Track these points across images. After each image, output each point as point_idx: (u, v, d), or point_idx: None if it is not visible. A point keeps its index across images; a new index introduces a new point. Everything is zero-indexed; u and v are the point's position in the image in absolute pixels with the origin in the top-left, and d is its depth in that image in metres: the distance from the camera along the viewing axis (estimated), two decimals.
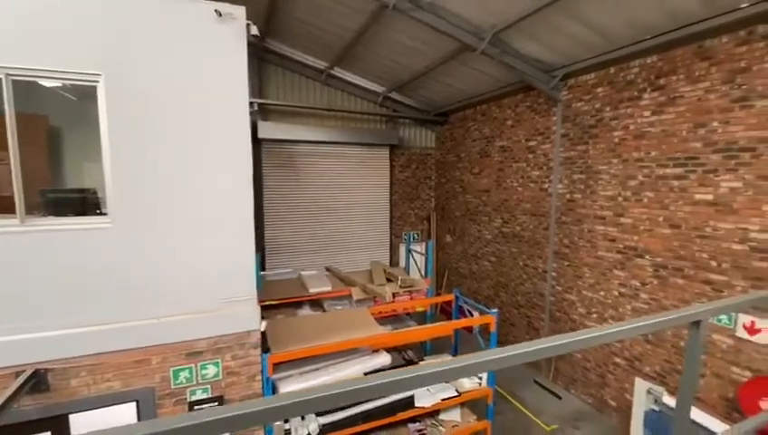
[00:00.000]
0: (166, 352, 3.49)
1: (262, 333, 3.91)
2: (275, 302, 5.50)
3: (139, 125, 3.33)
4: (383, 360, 4.62)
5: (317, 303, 5.91)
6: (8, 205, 3.11)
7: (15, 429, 3.09)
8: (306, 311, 5.73)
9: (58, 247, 3.17)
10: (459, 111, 10.18)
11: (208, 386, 3.70)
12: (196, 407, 3.65)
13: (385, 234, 11.01)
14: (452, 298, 6.17)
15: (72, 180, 4.35)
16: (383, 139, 10.37)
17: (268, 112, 9.35)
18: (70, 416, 3.29)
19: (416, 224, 11.53)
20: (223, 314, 3.66)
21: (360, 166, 10.35)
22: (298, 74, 9.47)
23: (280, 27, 8.02)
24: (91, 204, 3.57)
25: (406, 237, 10.87)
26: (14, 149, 3.09)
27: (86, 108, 3.28)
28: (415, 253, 9.25)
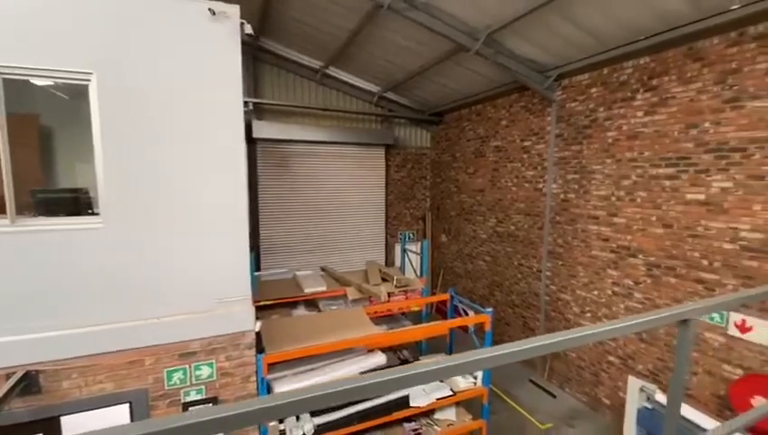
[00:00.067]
0: (159, 352, 3.47)
1: (256, 334, 3.90)
2: (270, 302, 5.48)
3: (132, 125, 3.30)
4: (378, 360, 4.61)
5: (312, 303, 5.89)
6: None
7: (6, 431, 3.06)
8: (301, 311, 5.72)
9: (49, 248, 3.14)
10: (454, 111, 10.21)
11: (202, 387, 3.68)
12: (190, 408, 3.63)
13: (380, 234, 11.01)
14: (447, 298, 6.18)
15: (65, 180, 4.30)
16: (378, 138, 10.37)
17: (263, 112, 9.32)
18: (61, 418, 3.25)
19: (411, 224, 11.55)
20: (217, 315, 3.64)
21: (356, 166, 10.35)
22: (293, 74, 9.44)
23: (275, 26, 7.99)
24: (83, 204, 3.53)
25: (401, 237, 10.87)
26: (5, 148, 3.05)
27: (78, 107, 3.25)
28: (410, 252, 9.27)
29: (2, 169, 3.05)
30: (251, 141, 8.88)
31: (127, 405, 3.43)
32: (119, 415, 3.40)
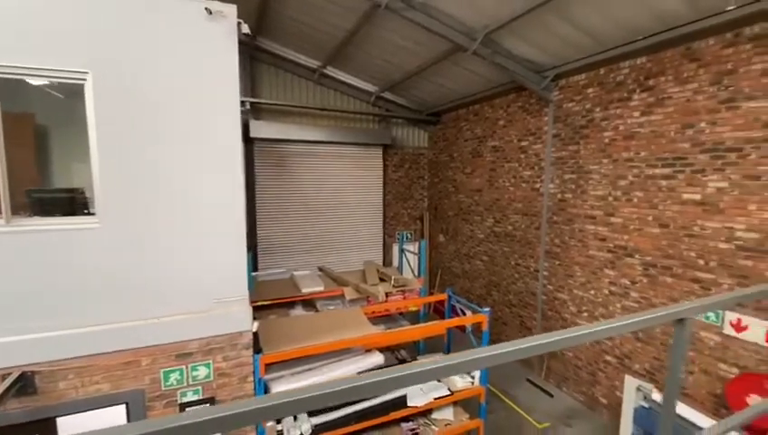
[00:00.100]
0: (156, 353, 3.45)
1: (254, 334, 3.89)
2: (268, 302, 5.46)
3: (127, 124, 3.29)
4: (376, 360, 4.61)
5: (310, 303, 5.88)
6: None
7: (2, 432, 3.05)
8: (299, 311, 5.71)
9: (45, 248, 3.12)
10: (452, 111, 10.22)
11: (199, 387, 3.66)
12: (187, 409, 3.62)
13: (378, 234, 11.01)
14: (445, 298, 6.19)
15: (61, 180, 4.28)
16: (376, 138, 10.36)
17: (260, 111, 9.30)
18: (58, 419, 3.24)
19: (409, 224, 11.55)
20: (214, 315, 3.63)
21: (354, 166, 10.34)
22: (290, 73, 9.43)
23: (272, 26, 7.98)
24: (79, 204, 3.52)
25: (399, 237, 10.88)
26: None
27: (74, 106, 3.24)
28: (408, 252, 9.27)
29: None
30: (248, 141, 8.86)
31: (123, 406, 3.41)
32: (115, 416, 3.39)
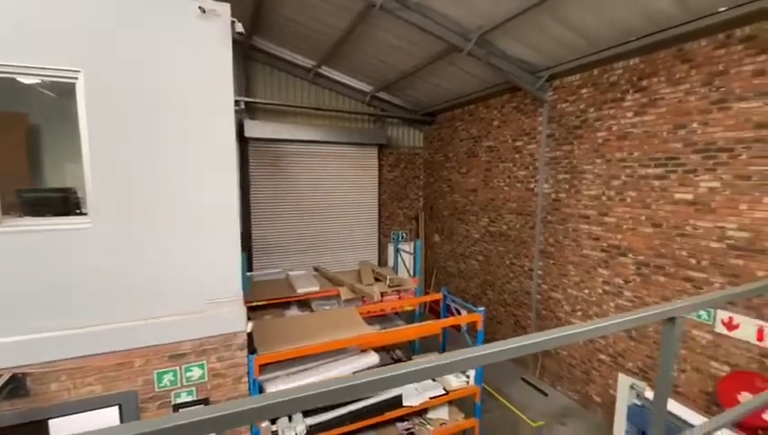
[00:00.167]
0: (149, 354, 3.43)
1: (248, 335, 3.87)
2: (263, 302, 5.44)
3: (120, 123, 3.26)
4: (371, 359, 4.61)
5: (305, 303, 5.87)
6: None
7: None
8: (294, 311, 5.69)
9: (36, 249, 3.08)
10: (447, 111, 10.24)
11: (193, 388, 3.64)
12: (180, 410, 3.59)
13: (373, 233, 11.01)
14: (440, 297, 6.20)
15: (53, 180, 4.24)
16: (371, 138, 10.36)
17: (255, 111, 9.26)
18: (50, 421, 3.20)
19: (404, 223, 11.56)
20: (208, 316, 3.60)
21: (349, 165, 10.33)
22: (285, 73, 9.40)
23: (267, 25, 7.95)
24: (71, 204, 3.48)
25: (394, 237, 10.87)
26: None
27: (67, 106, 3.20)
28: (403, 252, 9.26)
29: None
30: (243, 141, 8.82)
31: (116, 408, 3.38)
32: (108, 418, 3.36)
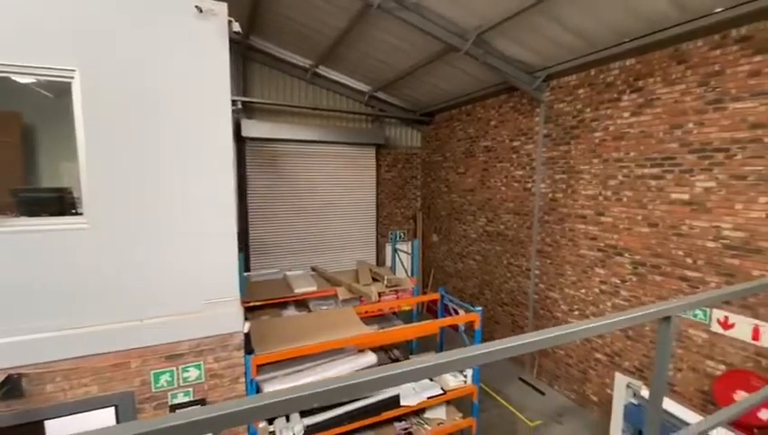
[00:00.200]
0: (146, 354, 3.41)
1: (246, 335, 3.86)
2: (260, 302, 5.43)
3: (116, 123, 3.24)
4: (369, 359, 4.60)
5: (302, 303, 5.86)
6: None
7: None
8: (291, 311, 5.68)
9: (32, 249, 3.07)
10: (444, 111, 10.25)
11: (190, 389, 3.63)
12: (177, 411, 3.58)
13: (371, 233, 11.00)
14: (437, 297, 6.20)
15: (50, 179, 4.21)
16: (369, 138, 10.36)
17: (252, 111, 9.24)
18: (45, 422, 3.19)
19: (402, 223, 11.56)
20: (205, 316, 3.59)
21: (347, 165, 10.32)
22: (283, 73, 9.38)
23: (264, 25, 7.93)
24: (67, 204, 3.46)
25: (392, 237, 10.88)
26: None
27: (62, 105, 3.19)
28: (401, 252, 9.27)
29: None
30: (240, 140, 8.80)
31: (113, 408, 3.37)
32: (104, 418, 3.34)
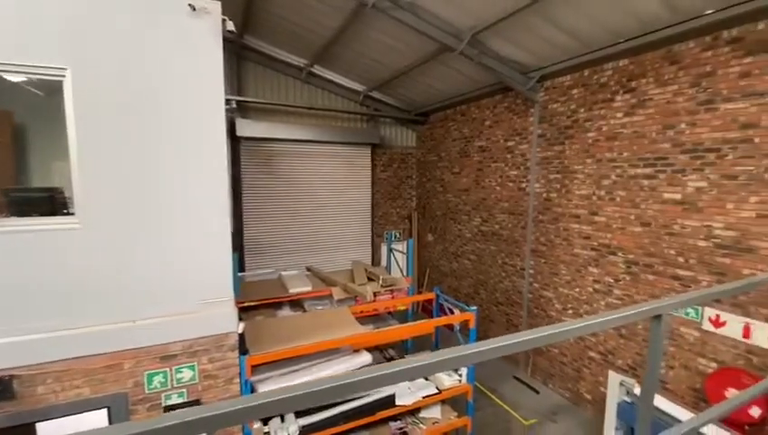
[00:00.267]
0: (139, 355, 3.39)
1: (240, 335, 3.85)
2: (254, 303, 5.41)
3: (108, 122, 3.21)
4: (364, 359, 4.60)
5: (297, 303, 5.84)
6: None
7: None
8: (286, 311, 5.66)
9: (23, 249, 3.03)
10: (439, 111, 10.27)
11: (184, 390, 3.61)
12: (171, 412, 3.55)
13: (366, 233, 11.00)
14: (433, 296, 6.21)
15: (41, 179, 4.16)
16: (364, 138, 10.35)
17: (247, 110, 9.20)
18: (37, 424, 3.15)
19: (397, 223, 11.57)
20: (199, 317, 3.57)
21: (342, 165, 10.31)
22: (278, 72, 9.35)
23: (258, 23, 7.90)
24: (58, 204, 3.42)
25: (387, 236, 10.88)
26: None
27: (54, 104, 3.15)
28: (396, 252, 9.27)
29: None
30: (234, 140, 8.76)
31: (105, 410, 3.34)
32: (97, 420, 3.31)
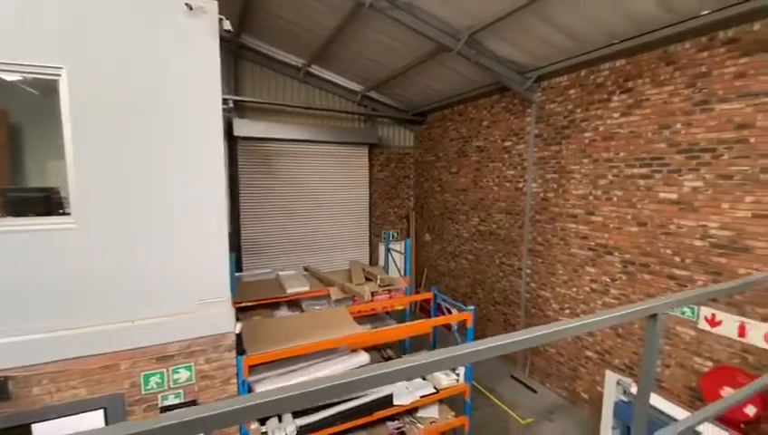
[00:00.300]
0: (135, 356, 3.37)
1: (237, 335, 3.84)
2: (252, 303, 5.40)
3: (104, 122, 3.20)
4: (362, 359, 4.60)
5: (295, 303, 5.83)
6: None
7: None
8: (284, 312, 5.65)
9: (19, 250, 3.01)
10: (437, 111, 10.28)
11: (181, 391, 3.59)
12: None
13: (364, 233, 11.00)
14: (430, 296, 6.22)
15: (37, 179, 4.13)
16: (362, 138, 10.35)
17: (244, 110, 9.18)
18: (33, 426, 3.13)
19: (395, 223, 11.57)
20: (196, 317, 3.56)
21: (339, 165, 10.30)
22: (275, 71, 9.34)
23: (256, 23, 7.88)
24: (54, 204, 3.40)
25: (385, 236, 10.88)
26: None
27: (50, 103, 3.13)
28: (394, 252, 9.27)
29: None
30: (231, 139, 8.74)
31: (101, 411, 3.32)
32: (93, 421, 3.30)
